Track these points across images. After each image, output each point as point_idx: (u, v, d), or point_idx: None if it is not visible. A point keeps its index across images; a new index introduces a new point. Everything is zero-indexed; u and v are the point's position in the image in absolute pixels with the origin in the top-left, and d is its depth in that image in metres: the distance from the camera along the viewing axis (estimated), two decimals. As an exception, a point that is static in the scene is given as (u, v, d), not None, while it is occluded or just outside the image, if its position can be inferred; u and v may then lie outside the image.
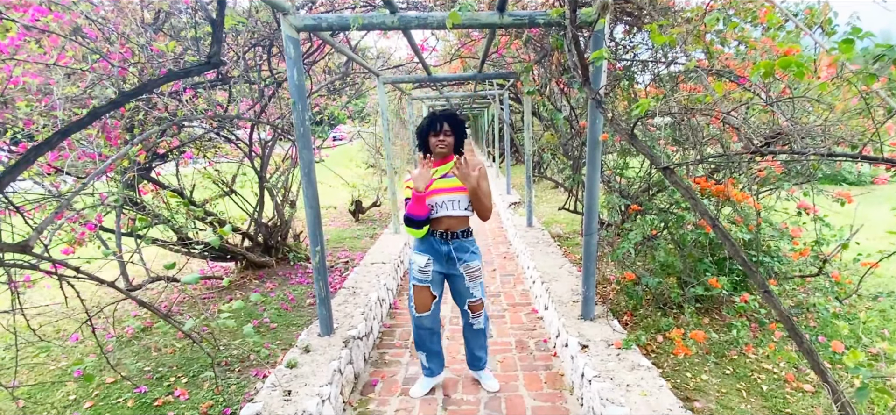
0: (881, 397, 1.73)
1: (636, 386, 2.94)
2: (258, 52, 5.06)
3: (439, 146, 3.08)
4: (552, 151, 7.75)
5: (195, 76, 2.94)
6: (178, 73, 1.90)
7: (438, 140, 3.08)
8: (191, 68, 2.04)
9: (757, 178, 4.46)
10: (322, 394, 3.01)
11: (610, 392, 2.88)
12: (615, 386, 2.95)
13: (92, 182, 3.88)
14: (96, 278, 2.00)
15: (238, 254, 5.91)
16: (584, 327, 3.82)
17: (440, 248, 3.21)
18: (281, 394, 3.01)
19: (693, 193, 2.21)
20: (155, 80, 1.87)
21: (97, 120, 1.91)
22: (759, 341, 3.92)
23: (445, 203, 3.10)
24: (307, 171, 3.48)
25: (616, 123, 2.45)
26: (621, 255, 4.16)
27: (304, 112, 3.35)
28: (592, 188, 3.62)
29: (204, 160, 5.92)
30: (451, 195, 3.10)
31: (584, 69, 2.61)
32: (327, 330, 3.81)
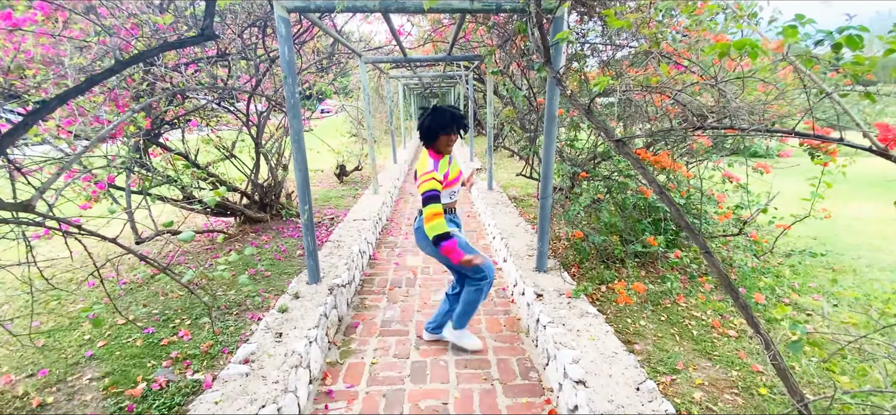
0: (813, 349, 1.67)
1: (585, 331, 2.88)
2: (254, 32, 4.76)
3: (449, 145, 2.80)
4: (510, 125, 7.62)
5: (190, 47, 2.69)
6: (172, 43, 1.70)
7: (450, 139, 2.76)
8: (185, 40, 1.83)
9: (688, 150, 4.44)
10: (309, 336, 2.88)
11: (562, 337, 2.81)
12: (567, 331, 2.88)
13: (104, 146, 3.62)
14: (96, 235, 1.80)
15: (237, 210, 5.67)
16: (538, 278, 3.75)
17: (458, 221, 3.07)
18: (273, 336, 2.87)
19: (641, 163, 2.11)
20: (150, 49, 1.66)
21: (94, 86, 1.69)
22: (689, 291, 3.92)
23: (457, 191, 2.97)
24: (297, 138, 3.27)
25: (573, 99, 2.32)
26: (572, 215, 4.09)
27: (294, 86, 3.13)
28: (548, 158, 3.51)
29: (207, 128, 5.62)
30: (458, 183, 2.95)
31: (546, 50, 2.47)
32: (315, 279, 3.66)
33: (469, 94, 9.75)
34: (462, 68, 9.80)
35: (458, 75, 10.55)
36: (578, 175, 4.32)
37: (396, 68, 10.67)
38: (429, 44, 7.81)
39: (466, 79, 9.71)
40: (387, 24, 4.24)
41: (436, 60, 6.95)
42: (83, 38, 3.00)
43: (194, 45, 2.09)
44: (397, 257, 5.24)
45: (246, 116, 5.38)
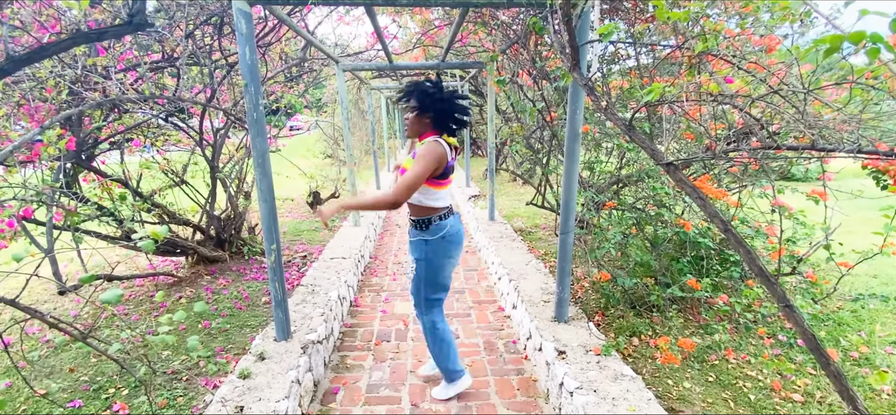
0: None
1: (622, 399, 2.66)
2: (208, 30, 4.56)
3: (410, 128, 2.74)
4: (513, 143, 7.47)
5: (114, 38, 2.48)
6: (89, 34, 1.49)
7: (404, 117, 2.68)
8: (107, 29, 1.63)
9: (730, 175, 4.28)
10: (278, 410, 2.63)
11: (595, 407, 2.59)
12: (600, 399, 2.66)
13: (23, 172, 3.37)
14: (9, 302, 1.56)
15: (188, 248, 5.41)
16: (558, 330, 3.53)
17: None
18: (233, 410, 2.61)
19: (701, 194, 1.93)
20: (57, 43, 1.45)
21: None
22: (738, 343, 3.71)
23: None
24: (261, 160, 3.05)
25: (611, 111, 2.14)
26: (602, 255, 3.89)
27: (257, 96, 2.92)
28: (570, 184, 3.33)
29: (153, 148, 5.39)
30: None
31: (574, 52, 2.29)
32: (284, 334, 3.41)
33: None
34: (457, 78, 9.70)
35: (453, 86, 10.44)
36: (605, 205, 4.13)
37: (379, 78, 10.55)
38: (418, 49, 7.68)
39: (462, 90, 9.60)
40: (371, 22, 4.08)
41: (426, 68, 6.82)
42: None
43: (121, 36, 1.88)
44: (384, 303, 5.00)
45: (199, 133, 5.16)
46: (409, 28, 8.29)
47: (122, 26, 1.40)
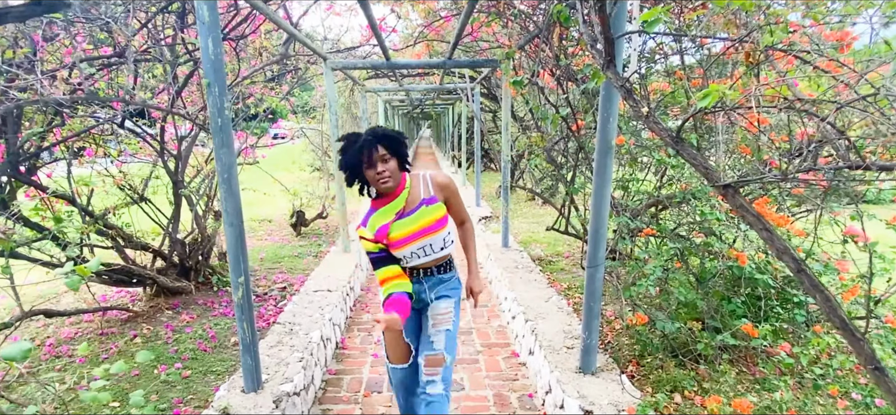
0: None
1: (666, 474, 2.50)
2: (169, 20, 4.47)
3: (381, 180, 2.46)
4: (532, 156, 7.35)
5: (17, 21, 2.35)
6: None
7: (377, 174, 2.44)
8: (7, 10, 1.50)
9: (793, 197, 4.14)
10: (242, 482, 2.48)
11: (633, 484, 2.43)
12: (638, 474, 2.50)
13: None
14: None
15: (147, 277, 5.29)
16: (584, 383, 3.38)
17: (414, 286, 2.70)
18: (185, 482, 2.47)
19: (766, 223, 1.79)
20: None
21: None
22: (802, 403, 3.54)
23: (416, 253, 2.58)
24: (227, 176, 2.92)
25: (654, 120, 2.00)
26: (638, 294, 3.74)
27: (222, 98, 2.80)
28: (601, 207, 3.19)
29: (107, 159, 5.30)
30: (421, 241, 2.56)
31: (608, 46, 2.17)
32: (253, 385, 3.27)
33: (476, 115, 9.53)
34: (466, 79, 9.62)
35: (461, 89, 10.37)
36: (641, 232, 3.99)
37: (375, 78, 10.50)
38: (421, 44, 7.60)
39: (472, 94, 9.51)
40: (364, 13, 3.98)
41: (431, 67, 6.74)
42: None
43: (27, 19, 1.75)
44: (375, 346, 4.87)
45: (161, 142, 5.07)
46: (411, 20, 8.22)
47: (31, 5, 1.29)
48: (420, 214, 2.55)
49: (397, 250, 2.56)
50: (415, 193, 2.61)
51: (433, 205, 2.59)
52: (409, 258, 2.59)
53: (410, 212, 2.55)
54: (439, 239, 2.60)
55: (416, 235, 2.53)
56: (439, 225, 2.58)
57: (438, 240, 2.59)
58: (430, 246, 2.58)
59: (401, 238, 2.53)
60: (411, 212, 2.55)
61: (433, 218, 2.56)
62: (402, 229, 2.53)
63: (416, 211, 2.55)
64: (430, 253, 2.60)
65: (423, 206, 2.57)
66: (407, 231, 2.53)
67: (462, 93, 10.47)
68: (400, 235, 2.53)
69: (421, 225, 2.54)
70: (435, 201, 2.61)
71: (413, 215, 2.55)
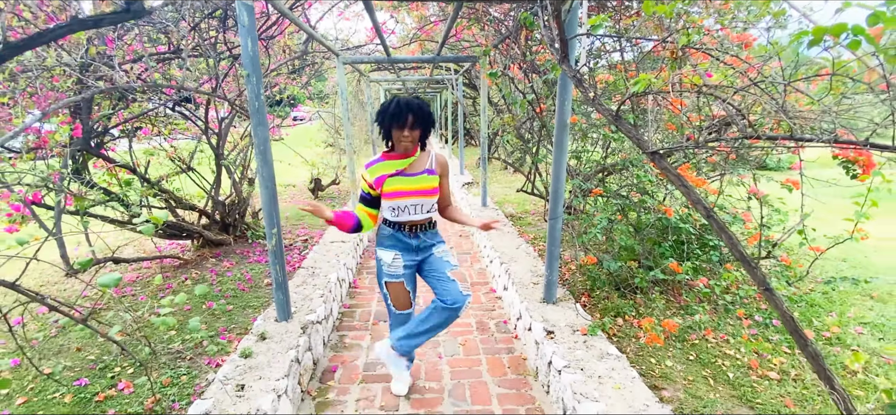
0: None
1: (608, 378, 2.61)
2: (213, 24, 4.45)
3: (404, 141, 2.50)
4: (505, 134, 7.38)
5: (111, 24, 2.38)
6: (85, 21, 1.41)
7: (403, 135, 2.48)
8: (103, 16, 1.54)
9: (708, 164, 4.22)
10: (278, 388, 2.57)
11: (582, 386, 2.54)
12: (587, 378, 2.61)
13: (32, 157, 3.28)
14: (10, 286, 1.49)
15: (194, 231, 5.32)
16: (547, 310, 3.48)
17: (408, 241, 2.72)
18: (234, 389, 2.55)
19: (684, 181, 1.87)
20: (51, 29, 1.37)
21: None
22: (716, 324, 3.67)
23: (408, 207, 2.61)
24: (263, 148, 2.97)
25: (598, 103, 2.07)
26: (589, 240, 3.83)
27: (258, 86, 2.83)
28: (559, 172, 3.26)
29: (160, 137, 5.29)
30: (414, 199, 2.60)
31: (563, 45, 2.22)
32: (285, 315, 3.35)
33: (460, 101, 9.52)
34: (452, 71, 9.58)
35: (447, 80, 10.34)
36: (591, 192, 4.07)
37: (377, 71, 10.43)
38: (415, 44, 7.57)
39: (456, 84, 9.49)
40: (369, 17, 3.98)
41: (422, 61, 6.71)
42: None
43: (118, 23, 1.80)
44: (381, 285, 4.93)
45: (205, 122, 5.06)
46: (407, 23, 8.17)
47: (119, 13, 1.32)
48: (422, 179, 2.59)
49: (393, 200, 2.58)
50: (421, 161, 2.64)
51: (433, 176, 2.63)
52: (403, 210, 2.61)
53: (412, 174, 2.59)
54: (430, 202, 2.64)
55: (414, 193, 2.57)
56: (433, 192, 2.62)
57: (429, 203, 2.64)
58: (422, 206, 2.62)
59: (399, 190, 2.56)
60: (414, 174, 2.59)
61: (430, 185, 2.61)
62: (402, 185, 2.56)
63: (419, 175, 2.59)
64: (420, 212, 2.64)
65: (426, 173, 2.61)
66: (407, 187, 2.56)
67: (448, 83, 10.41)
68: (397, 189, 2.56)
69: (421, 187, 2.58)
70: (434, 174, 2.65)
71: (416, 177, 2.58)
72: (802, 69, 2.80)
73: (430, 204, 2.67)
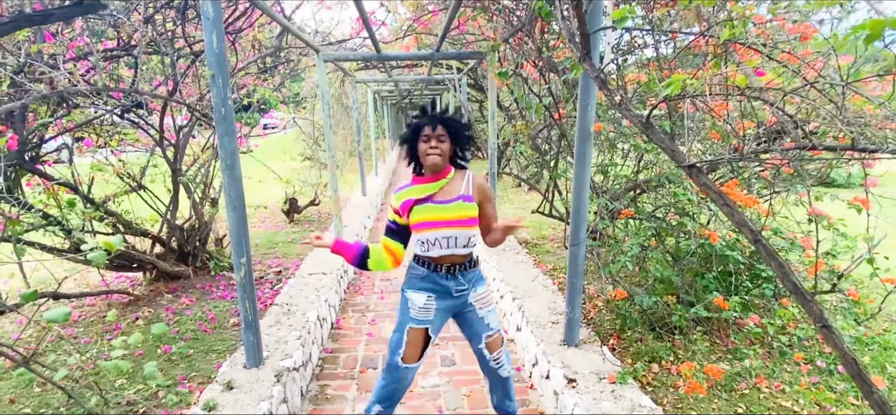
0: None
1: (641, 433, 2.66)
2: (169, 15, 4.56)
3: (431, 155, 2.53)
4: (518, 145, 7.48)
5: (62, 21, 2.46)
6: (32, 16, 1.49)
7: (429, 146, 2.52)
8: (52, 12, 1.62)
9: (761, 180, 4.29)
10: (248, 447, 2.62)
11: (610, 442, 2.59)
12: (615, 433, 2.66)
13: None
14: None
15: (147, 262, 5.39)
16: (568, 354, 3.54)
17: (444, 283, 2.70)
18: (194, 448, 2.60)
19: (727, 200, 1.93)
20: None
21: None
22: (771, 370, 3.72)
23: (440, 240, 2.59)
24: (230, 163, 3.05)
25: (626, 107, 2.15)
26: (617, 270, 3.89)
27: (225, 89, 2.92)
28: (581, 190, 3.34)
29: (106, 148, 5.39)
30: (446, 231, 2.58)
31: (584, 40, 2.31)
32: (255, 361, 3.40)
33: (463, 105, 9.64)
34: (454, 71, 9.72)
35: (449, 80, 10.48)
36: (620, 214, 4.14)
37: (365, 69, 10.58)
38: (409, 38, 7.71)
39: (459, 85, 9.63)
40: (355, 6, 4.09)
41: (419, 58, 6.85)
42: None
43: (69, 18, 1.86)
44: (370, 325, 4.99)
45: (160, 131, 5.15)
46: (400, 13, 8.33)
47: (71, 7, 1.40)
48: (456, 207, 2.57)
49: (421, 232, 2.59)
50: (455, 185, 2.64)
51: (469, 203, 2.60)
52: (433, 244, 2.59)
53: (445, 201, 2.58)
54: (465, 235, 2.61)
55: (446, 223, 2.56)
56: (469, 223, 2.59)
57: (464, 236, 2.61)
58: (455, 239, 2.59)
59: (428, 220, 2.56)
60: (447, 201, 2.58)
61: (466, 215, 2.57)
62: (431, 214, 2.56)
63: (452, 202, 2.58)
64: (453, 246, 2.60)
65: (461, 200, 2.59)
66: (438, 217, 2.55)
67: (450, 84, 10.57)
68: (426, 219, 2.56)
69: (454, 216, 2.56)
70: (471, 200, 2.62)
71: (449, 205, 2.57)
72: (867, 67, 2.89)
73: (467, 237, 2.65)
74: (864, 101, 2.77)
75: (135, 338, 2.05)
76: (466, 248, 2.66)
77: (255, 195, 11.18)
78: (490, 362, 2.84)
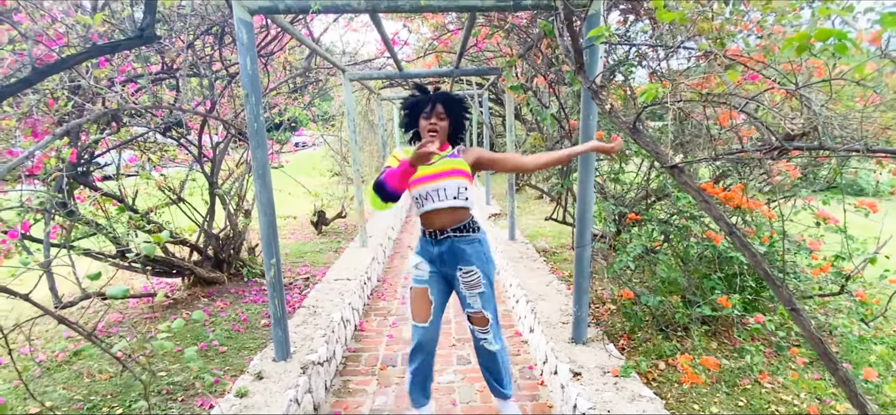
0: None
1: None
2: (208, 41, 4.91)
3: (429, 130, 2.76)
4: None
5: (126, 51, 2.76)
6: (104, 46, 1.78)
7: (429, 123, 2.75)
8: (118, 43, 1.91)
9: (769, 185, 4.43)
10: (276, 428, 2.87)
11: (606, 424, 2.78)
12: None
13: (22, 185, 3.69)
14: (7, 290, 1.84)
15: (185, 268, 5.71)
16: (575, 351, 3.73)
17: (430, 249, 2.96)
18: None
19: (705, 195, 2.14)
20: (75, 54, 1.74)
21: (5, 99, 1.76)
22: (776, 368, 3.86)
23: (430, 193, 2.77)
24: (261, 172, 3.34)
25: (615, 115, 2.37)
26: (619, 270, 4.07)
27: (258, 107, 3.21)
28: (585, 194, 3.55)
29: (149, 164, 5.74)
30: (435, 183, 2.77)
31: (577, 55, 2.54)
32: (283, 354, 3.66)
33: (484, 119, 9.88)
34: (474, 86, 9.99)
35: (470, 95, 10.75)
36: (627, 218, 4.33)
37: (390, 87, 10.88)
38: (431, 55, 8.00)
39: (480, 99, 9.88)
40: (377, 31, 4.37)
41: (439, 75, 7.10)
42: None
43: (131, 49, 2.15)
44: (391, 327, 5.23)
45: (198, 148, 5.49)
46: (422, 33, 8.61)
47: (133, 39, 1.66)
48: (444, 162, 2.79)
49: (414, 188, 2.78)
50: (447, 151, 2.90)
51: (455, 158, 2.83)
52: (426, 199, 2.78)
53: (436, 163, 2.79)
54: (453, 185, 2.77)
55: (434, 177, 2.75)
56: (455, 172, 2.77)
57: (452, 186, 2.77)
58: (444, 189, 2.76)
59: (420, 177, 2.75)
60: (437, 163, 2.79)
61: (450, 166, 2.78)
62: (423, 171, 2.75)
63: (441, 161, 2.80)
64: (443, 198, 2.77)
65: (449, 158, 2.83)
66: (427, 171, 2.75)
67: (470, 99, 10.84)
68: (419, 175, 2.75)
69: (438, 169, 2.76)
70: (457, 156, 2.85)
71: (438, 164, 2.78)
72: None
73: (456, 188, 2.79)
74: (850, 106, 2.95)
75: (178, 323, 2.32)
76: (457, 200, 2.81)
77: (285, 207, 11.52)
78: (476, 333, 3.06)
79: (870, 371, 3.40)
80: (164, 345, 2.14)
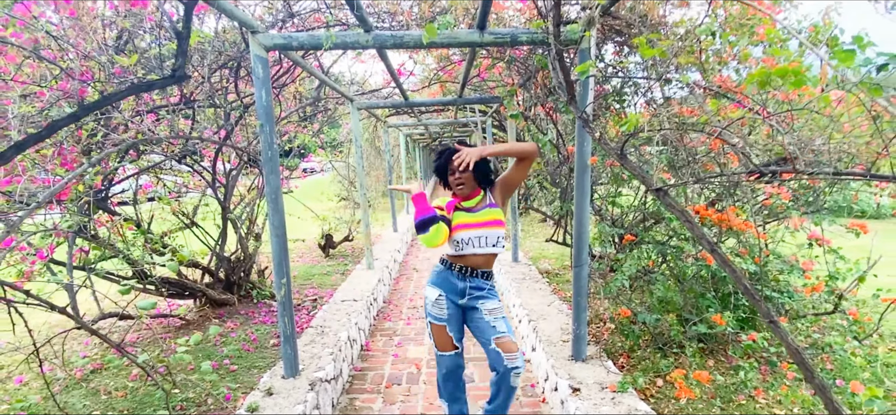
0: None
1: (629, 430, 2.95)
2: (224, 74, 5.10)
3: (456, 183, 3.11)
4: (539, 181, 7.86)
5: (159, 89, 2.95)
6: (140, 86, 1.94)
7: (454, 179, 3.10)
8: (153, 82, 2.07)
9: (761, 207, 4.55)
10: (286, 440, 2.98)
11: (600, 436, 2.88)
12: (606, 430, 2.96)
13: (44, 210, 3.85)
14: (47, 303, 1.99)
15: (197, 290, 5.85)
16: (575, 368, 3.83)
17: (455, 283, 3.18)
18: (241, 440, 2.98)
19: (689, 216, 2.27)
20: (116, 93, 1.90)
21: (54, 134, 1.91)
22: (770, 384, 3.94)
23: (472, 239, 3.09)
24: (274, 197, 3.50)
25: (604, 142, 2.51)
26: (616, 289, 4.19)
27: (271, 136, 3.38)
28: (582, 216, 3.68)
29: (164, 190, 5.91)
30: (478, 231, 3.08)
31: (569, 87, 2.68)
32: (292, 371, 3.78)
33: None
34: (477, 113, 10.17)
35: (474, 122, 10.93)
36: (623, 239, 4.46)
37: (396, 115, 11.07)
38: (436, 85, 8.19)
39: (484, 126, 10.06)
40: (383, 63, 4.55)
41: (443, 104, 7.27)
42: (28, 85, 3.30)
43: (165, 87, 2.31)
44: (397, 347, 5.34)
45: (212, 174, 5.66)
46: (427, 64, 8.82)
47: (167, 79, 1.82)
48: (485, 213, 3.12)
49: (457, 233, 3.10)
50: (485, 199, 3.19)
51: (494, 208, 3.15)
52: (466, 243, 3.08)
53: (477, 209, 3.14)
54: (494, 235, 3.10)
55: (478, 225, 3.08)
56: (496, 223, 3.11)
57: (493, 235, 3.10)
58: (486, 238, 3.09)
59: (463, 223, 3.10)
60: (478, 209, 3.13)
61: (491, 216, 3.11)
62: (466, 219, 3.10)
63: (481, 210, 3.13)
64: (484, 245, 3.10)
65: (488, 208, 3.14)
66: (471, 220, 3.10)
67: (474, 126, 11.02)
68: (462, 221, 3.10)
69: (483, 219, 3.09)
70: (496, 206, 3.17)
71: (479, 212, 3.12)
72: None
73: (496, 237, 3.12)
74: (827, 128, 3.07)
75: (195, 337, 2.45)
76: (495, 247, 3.14)
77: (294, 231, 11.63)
78: (505, 361, 3.02)
79: (856, 385, 3.49)
80: (184, 358, 2.27)
